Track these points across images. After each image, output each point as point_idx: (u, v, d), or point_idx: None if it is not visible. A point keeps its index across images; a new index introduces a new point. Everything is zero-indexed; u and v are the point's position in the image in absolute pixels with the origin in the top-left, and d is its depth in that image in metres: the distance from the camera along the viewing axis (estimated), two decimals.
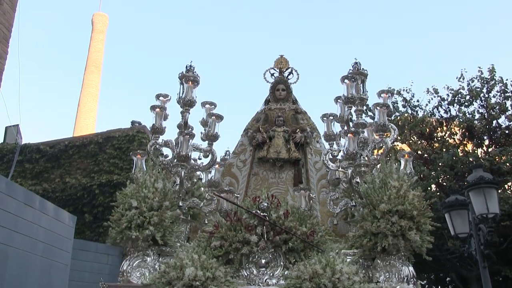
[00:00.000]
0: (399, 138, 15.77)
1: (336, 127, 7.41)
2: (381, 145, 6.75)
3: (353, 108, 6.98)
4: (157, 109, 6.93)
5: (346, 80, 6.79)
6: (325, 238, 6.06)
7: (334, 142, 7.15)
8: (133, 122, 17.67)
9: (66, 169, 17.19)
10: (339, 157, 6.99)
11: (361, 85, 7.17)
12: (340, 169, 6.72)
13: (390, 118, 7.14)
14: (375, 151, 6.92)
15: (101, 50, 54.86)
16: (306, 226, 5.90)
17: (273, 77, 9.28)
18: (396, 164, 6.27)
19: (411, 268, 5.65)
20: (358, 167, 6.43)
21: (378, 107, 6.67)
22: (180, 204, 6.53)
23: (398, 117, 17.63)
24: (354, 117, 7.01)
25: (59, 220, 9.57)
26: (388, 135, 6.92)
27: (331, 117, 7.18)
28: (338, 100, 7.23)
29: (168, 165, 6.80)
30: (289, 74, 9.29)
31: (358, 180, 6.39)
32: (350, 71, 7.14)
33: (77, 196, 16.26)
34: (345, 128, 6.89)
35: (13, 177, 16.80)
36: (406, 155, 6.70)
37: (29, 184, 16.81)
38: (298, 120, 8.91)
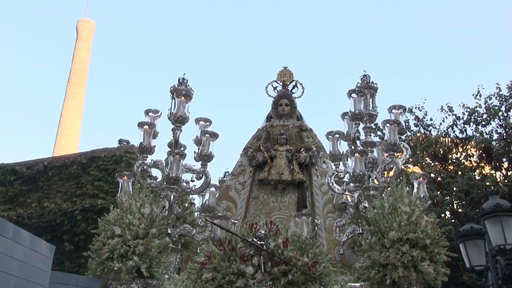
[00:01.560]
0: (410, 159, 15.57)
1: (343, 146, 7.31)
2: (392, 166, 6.65)
3: (361, 126, 6.90)
4: (146, 126, 6.86)
5: (353, 95, 6.71)
6: (329, 269, 5.92)
7: (341, 163, 7.04)
8: (120, 141, 17.44)
9: (44, 192, 16.91)
10: (345, 179, 6.89)
11: (370, 100, 7.06)
12: (346, 192, 6.63)
13: (401, 137, 7.04)
14: (385, 172, 6.82)
15: (86, 59, 53.92)
16: (308, 256, 5.75)
17: (276, 90, 9.23)
18: (408, 187, 6.17)
19: None
20: (366, 190, 6.32)
21: (388, 124, 6.58)
22: (169, 231, 6.43)
23: (410, 137, 17.40)
24: (362, 135, 6.93)
25: (35, 251, 9.41)
26: (400, 155, 6.83)
27: (337, 135, 7.07)
28: (345, 117, 7.13)
29: (157, 188, 6.71)
30: (293, 88, 9.24)
31: (366, 204, 6.29)
32: (358, 84, 7.07)
33: (56, 223, 15.98)
34: (352, 147, 6.80)
35: None
36: (420, 177, 6.60)
37: (2, 210, 16.49)
38: (302, 138, 8.83)
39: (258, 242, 5.74)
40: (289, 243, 5.81)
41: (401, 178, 6.18)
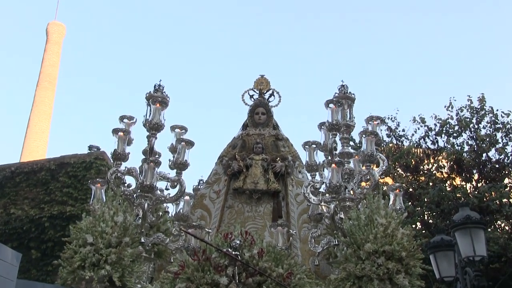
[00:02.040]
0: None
1: (320, 157, 7.32)
2: (368, 177, 6.66)
3: (338, 136, 6.91)
4: (120, 133, 6.80)
5: (330, 105, 6.71)
6: (304, 281, 5.90)
7: (317, 173, 7.04)
8: (90, 147, 17.11)
9: (11, 198, 16.45)
10: (322, 189, 6.87)
11: (348, 110, 7.09)
12: (322, 203, 6.60)
13: (378, 148, 7.05)
14: (362, 183, 6.83)
15: (56, 63, 52.36)
16: (283, 267, 5.74)
17: (252, 99, 9.20)
18: (384, 199, 6.18)
19: None
20: (342, 201, 6.32)
21: (365, 135, 6.60)
22: (143, 240, 6.35)
23: (382, 148, 17.42)
24: (339, 146, 6.93)
25: (0, 259, 9.22)
26: (375, 167, 6.84)
27: (314, 145, 7.09)
28: (322, 127, 7.14)
29: (130, 196, 6.64)
30: (270, 96, 9.23)
31: (342, 216, 6.29)
32: (336, 94, 7.07)
33: (23, 230, 15.58)
34: (329, 158, 6.79)
35: None
36: (396, 189, 6.62)
37: None
38: (279, 147, 8.81)
39: (233, 252, 5.70)
40: (264, 254, 5.78)
41: (377, 189, 6.18)
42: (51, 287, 12.59)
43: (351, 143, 15.27)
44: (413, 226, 14.92)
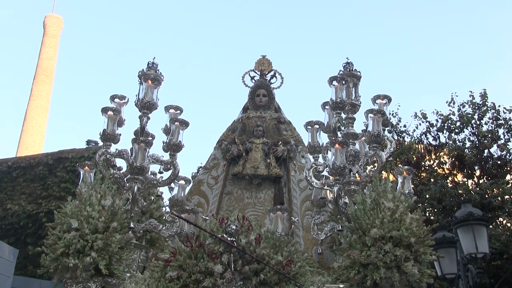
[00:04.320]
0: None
1: (323, 138, 6.95)
2: (375, 159, 6.30)
3: (343, 116, 6.55)
4: (110, 112, 6.44)
5: (334, 82, 6.35)
6: (305, 269, 5.56)
7: (320, 155, 6.67)
8: (88, 142, 16.98)
9: (8, 193, 16.49)
10: (325, 173, 6.52)
11: (353, 89, 6.72)
12: (326, 187, 6.26)
13: (385, 129, 6.70)
14: (368, 167, 6.47)
15: (53, 57, 52.58)
16: (282, 255, 5.40)
17: (253, 80, 8.93)
18: (392, 182, 5.82)
19: None
20: (347, 185, 5.98)
21: (372, 114, 6.22)
22: (132, 225, 6.00)
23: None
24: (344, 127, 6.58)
25: None
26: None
27: (317, 126, 6.68)
28: (326, 107, 6.78)
29: (120, 179, 6.30)
30: (271, 78, 8.95)
31: (346, 200, 5.94)
32: (341, 72, 6.70)
33: (19, 225, 15.57)
34: (333, 138, 6.43)
35: None
36: (404, 172, 6.27)
37: None
38: (280, 131, 8.51)
39: (229, 239, 5.37)
40: (262, 240, 5.45)
41: (385, 171, 5.83)
42: (48, 284, 12.36)
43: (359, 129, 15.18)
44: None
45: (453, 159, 16.97)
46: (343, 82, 6.41)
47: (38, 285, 12.33)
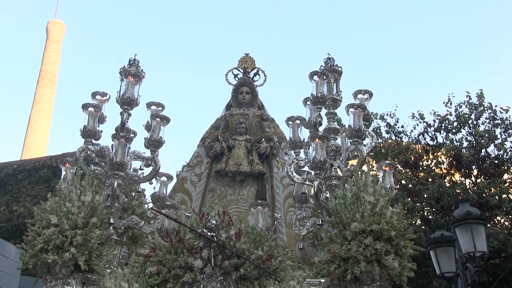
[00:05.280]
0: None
1: (305, 134, 6.83)
2: (356, 153, 6.19)
3: (325, 111, 6.43)
4: (90, 108, 6.29)
5: (315, 77, 6.23)
6: (286, 264, 5.42)
7: (301, 151, 6.54)
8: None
9: (13, 195, 16.57)
10: (306, 168, 6.39)
11: (334, 84, 6.61)
12: (307, 182, 6.13)
13: (367, 124, 6.57)
14: (349, 161, 6.36)
15: (56, 61, 52.93)
16: (263, 249, 5.27)
17: (236, 78, 8.79)
18: (376, 175, 5.72)
19: None
20: (328, 179, 5.86)
21: (352, 109, 6.11)
22: (112, 221, 5.85)
23: (381, 144, 17.51)
24: (325, 122, 6.46)
25: (3, 255, 8.99)
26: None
27: (298, 121, 6.55)
28: (307, 102, 6.65)
29: (102, 175, 6.15)
30: (254, 75, 8.81)
31: (327, 195, 5.82)
32: (322, 67, 6.59)
33: (25, 227, 15.51)
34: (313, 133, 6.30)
35: None
36: (386, 167, 6.17)
37: None
38: (263, 128, 8.38)
39: (208, 233, 5.22)
40: (242, 235, 5.31)
41: (367, 166, 5.71)
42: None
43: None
44: (413, 222, 14.85)
45: (451, 159, 16.97)
46: (324, 77, 6.29)
47: (43, 284, 12.32)
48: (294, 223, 6.59)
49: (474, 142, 16.87)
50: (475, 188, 15.78)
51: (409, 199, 15.63)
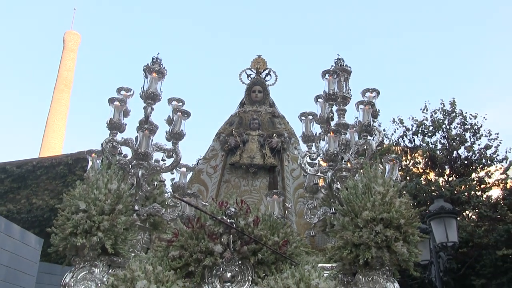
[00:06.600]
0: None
1: (316, 129, 6.79)
2: (365, 147, 6.15)
3: (335, 108, 6.39)
4: (116, 102, 6.24)
5: (327, 75, 6.19)
6: (300, 249, 5.39)
7: (313, 145, 6.50)
8: None
9: (33, 190, 16.93)
10: (317, 161, 6.36)
11: (344, 83, 6.58)
12: (319, 173, 6.08)
13: (375, 120, 6.55)
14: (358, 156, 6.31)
15: (72, 68, 54.81)
16: (279, 236, 5.22)
17: (249, 78, 8.77)
18: (382, 168, 5.67)
19: (396, 285, 5.00)
20: (339, 171, 5.81)
21: (362, 106, 6.07)
22: (136, 207, 5.81)
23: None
24: (336, 118, 6.42)
25: (25, 243, 9.06)
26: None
27: (310, 116, 6.53)
28: (319, 100, 6.60)
29: (126, 165, 6.10)
30: (266, 75, 8.77)
31: (339, 186, 5.78)
32: (332, 67, 6.56)
33: (43, 218, 15.92)
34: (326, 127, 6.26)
35: None
36: (392, 160, 6.12)
37: None
38: (275, 124, 8.35)
39: (228, 220, 5.18)
40: (260, 222, 5.26)
41: (375, 159, 5.66)
42: (68, 269, 12.41)
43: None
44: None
45: (426, 159, 17.84)
46: (335, 75, 6.25)
47: (60, 270, 12.55)
48: (305, 212, 6.55)
49: (447, 145, 17.88)
50: (448, 185, 16.71)
51: None
